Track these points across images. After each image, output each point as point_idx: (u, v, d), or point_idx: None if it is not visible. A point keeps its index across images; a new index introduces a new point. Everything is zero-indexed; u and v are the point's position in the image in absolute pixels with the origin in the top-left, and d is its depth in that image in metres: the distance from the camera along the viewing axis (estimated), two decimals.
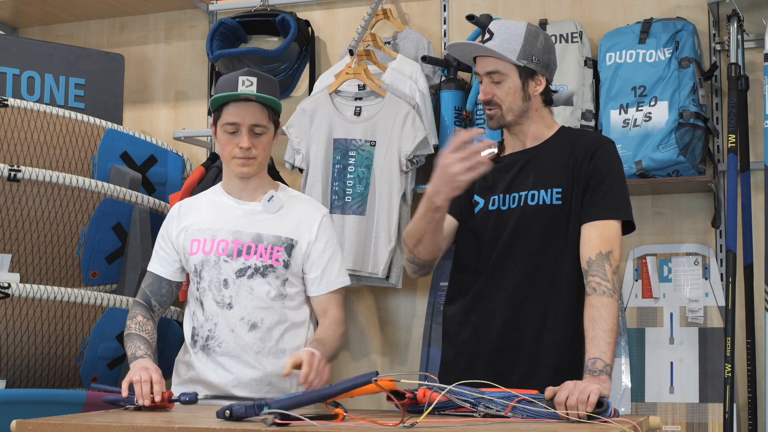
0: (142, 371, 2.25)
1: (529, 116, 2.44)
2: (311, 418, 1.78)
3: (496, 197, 2.44)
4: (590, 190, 2.36)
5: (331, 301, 2.61)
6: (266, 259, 2.52)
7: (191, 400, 2.23)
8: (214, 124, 2.56)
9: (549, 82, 2.46)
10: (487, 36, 2.42)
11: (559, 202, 2.38)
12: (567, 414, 1.95)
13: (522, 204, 2.40)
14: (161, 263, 2.64)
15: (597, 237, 2.32)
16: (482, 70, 2.43)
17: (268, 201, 2.58)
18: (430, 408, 1.88)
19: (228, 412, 1.87)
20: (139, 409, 2.20)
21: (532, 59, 2.39)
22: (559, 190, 2.38)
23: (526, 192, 2.40)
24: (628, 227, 2.40)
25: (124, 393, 2.25)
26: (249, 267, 2.52)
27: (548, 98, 2.47)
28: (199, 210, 2.63)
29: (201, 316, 2.55)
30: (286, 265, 2.54)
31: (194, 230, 2.58)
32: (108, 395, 2.28)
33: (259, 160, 2.55)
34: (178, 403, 2.25)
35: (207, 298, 2.54)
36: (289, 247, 2.55)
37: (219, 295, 2.52)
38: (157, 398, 2.19)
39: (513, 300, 2.38)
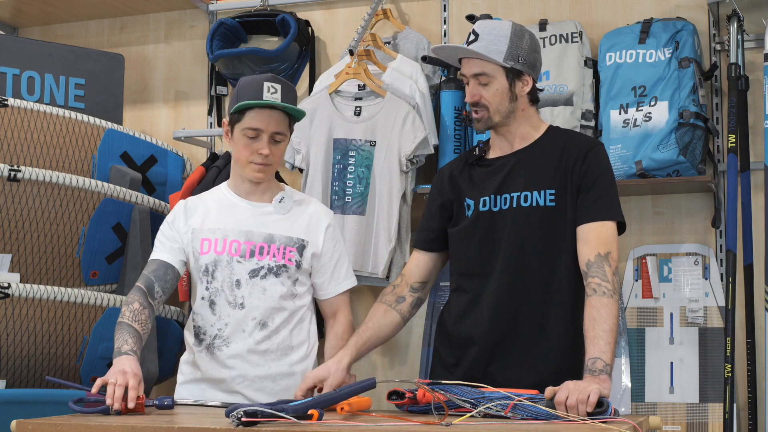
0: (119, 375, 2.17)
1: (515, 117, 2.44)
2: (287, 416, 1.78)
3: (487, 198, 2.43)
4: (583, 192, 2.36)
5: (340, 303, 2.68)
6: (279, 259, 2.55)
7: (168, 405, 2.18)
8: (231, 125, 2.55)
9: (535, 81, 2.45)
10: (472, 37, 2.41)
11: (553, 204, 2.38)
12: (567, 414, 1.95)
13: (515, 206, 2.40)
14: (167, 251, 2.58)
15: (595, 238, 2.32)
16: (468, 72, 2.43)
17: (279, 202, 2.61)
18: (468, 414, 1.87)
19: (240, 414, 1.79)
20: (107, 412, 2.10)
21: (518, 60, 2.39)
22: (552, 191, 2.38)
23: (518, 193, 2.40)
24: (620, 228, 2.40)
25: (94, 389, 2.16)
26: (262, 267, 2.54)
27: (534, 97, 2.47)
28: (206, 209, 2.63)
29: (211, 316, 2.55)
30: (298, 266, 2.58)
31: (204, 229, 2.58)
32: (75, 402, 2.15)
33: (274, 167, 2.58)
34: (156, 407, 2.20)
35: (219, 298, 2.55)
36: (301, 247, 2.58)
37: (231, 296, 2.54)
38: (131, 404, 2.11)
39: (510, 302, 2.38)
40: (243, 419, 1.73)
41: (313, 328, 2.66)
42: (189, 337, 2.61)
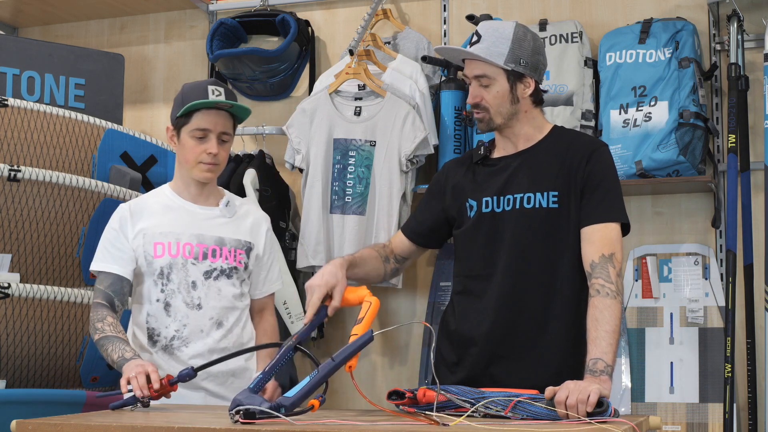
0: (136, 367, 2.27)
1: (518, 118, 2.43)
2: (286, 415, 1.79)
3: (489, 199, 2.43)
4: (587, 194, 2.36)
5: (267, 302, 2.78)
6: (231, 261, 2.63)
7: (189, 374, 2.25)
8: (177, 129, 2.62)
9: (539, 82, 2.45)
10: (475, 39, 2.41)
11: (556, 206, 2.37)
12: (567, 414, 1.95)
13: (518, 207, 2.39)
14: (119, 263, 2.61)
15: (599, 240, 2.32)
16: (470, 74, 2.42)
17: (226, 206, 2.68)
18: (467, 413, 1.86)
19: (239, 413, 1.82)
20: (148, 405, 2.20)
21: (520, 62, 2.38)
22: (556, 193, 2.37)
23: (521, 195, 2.39)
24: (623, 230, 2.40)
25: (124, 390, 2.25)
26: (215, 269, 2.61)
27: (538, 99, 2.46)
28: (152, 212, 2.66)
29: (165, 317, 2.58)
30: (246, 267, 2.66)
31: (155, 233, 2.61)
32: (114, 401, 2.25)
33: (221, 167, 2.65)
34: (180, 382, 2.26)
35: (176, 299, 2.58)
36: (248, 250, 2.67)
37: (188, 297, 2.58)
38: (156, 385, 2.22)
39: (512, 304, 2.37)
40: (241, 421, 1.74)
41: (251, 326, 2.74)
42: (141, 337, 2.62)
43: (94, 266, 2.64)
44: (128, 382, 2.25)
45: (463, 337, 2.43)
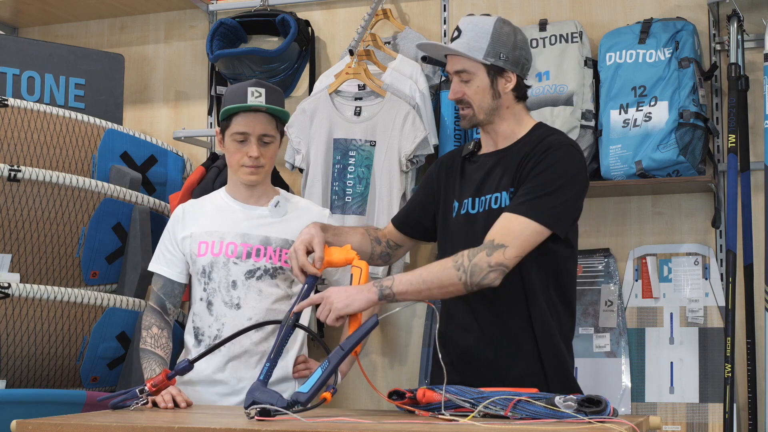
0: (165, 394, 2.28)
1: (500, 114, 2.41)
2: (299, 411, 1.81)
3: (468, 200, 2.42)
4: (521, 185, 2.29)
5: None
6: (276, 261, 2.60)
7: (186, 367, 2.25)
8: (222, 132, 2.63)
9: (522, 78, 2.42)
10: (455, 34, 2.41)
11: None
12: (563, 410, 1.95)
13: (487, 208, 2.35)
14: (169, 266, 2.67)
15: (499, 228, 2.22)
16: (451, 69, 2.42)
17: (275, 206, 2.66)
18: (474, 410, 1.86)
19: (254, 411, 1.84)
20: (147, 401, 2.22)
21: (500, 56, 2.36)
22: (512, 190, 2.32)
23: (491, 195, 2.36)
24: (556, 237, 2.28)
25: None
26: (258, 269, 2.59)
27: (521, 94, 2.43)
28: (204, 213, 2.67)
29: (208, 316, 2.58)
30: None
31: (201, 233, 2.63)
32: (103, 395, 2.26)
33: (266, 169, 2.63)
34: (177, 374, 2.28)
35: (216, 298, 2.58)
36: None
37: (227, 296, 2.57)
38: (182, 405, 2.26)
39: (488, 307, 2.33)
40: (257, 418, 1.76)
41: (301, 340, 2.69)
42: (189, 338, 2.63)
43: (150, 266, 2.70)
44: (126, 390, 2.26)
45: (450, 340, 2.44)
